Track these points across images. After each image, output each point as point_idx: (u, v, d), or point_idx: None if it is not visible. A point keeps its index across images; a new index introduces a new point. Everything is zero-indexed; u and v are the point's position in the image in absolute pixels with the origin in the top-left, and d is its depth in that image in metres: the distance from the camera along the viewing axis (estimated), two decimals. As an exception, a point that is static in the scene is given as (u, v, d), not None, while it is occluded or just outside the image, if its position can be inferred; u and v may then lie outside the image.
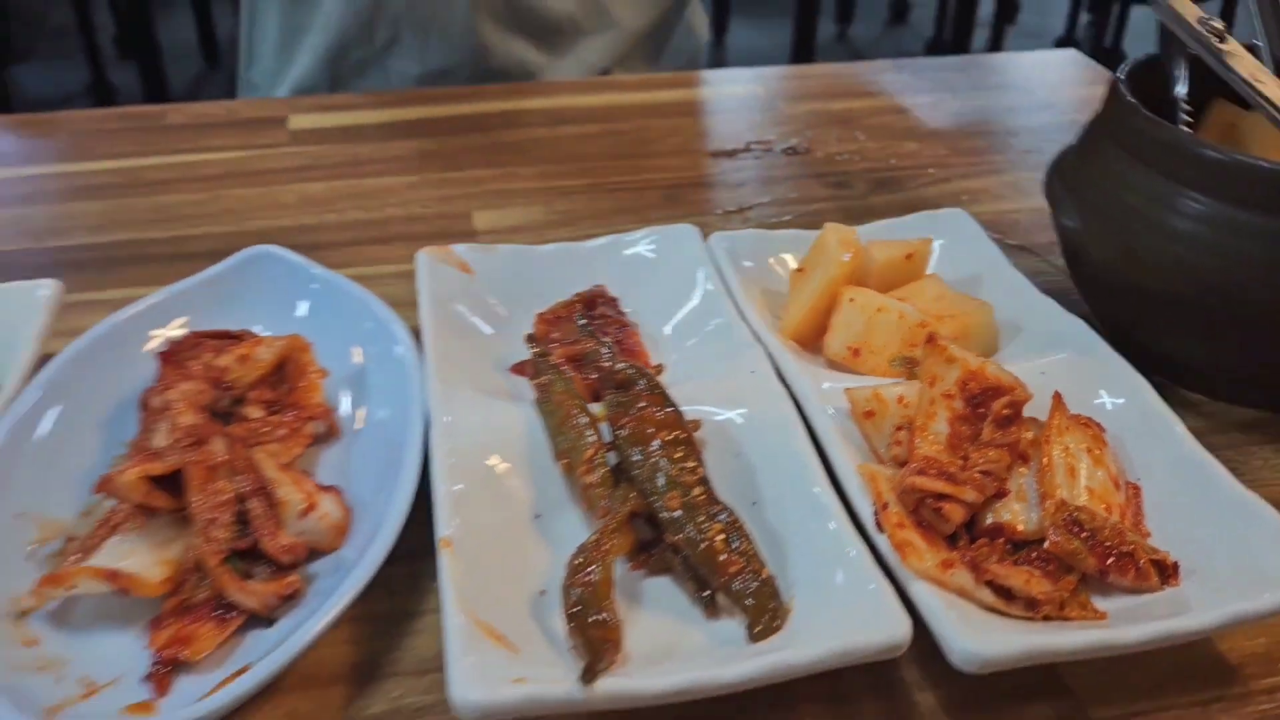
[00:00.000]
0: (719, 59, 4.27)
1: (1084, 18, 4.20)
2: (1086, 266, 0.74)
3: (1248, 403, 0.73)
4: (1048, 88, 1.24)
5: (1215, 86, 0.73)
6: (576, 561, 0.54)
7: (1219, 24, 0.70)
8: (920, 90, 1.21)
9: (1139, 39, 4.02)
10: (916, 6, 4.65)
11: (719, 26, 4.35)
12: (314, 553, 0.58)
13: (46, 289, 0.73)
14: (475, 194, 0.98)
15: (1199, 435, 0.62)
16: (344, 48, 1.21)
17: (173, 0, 4.06)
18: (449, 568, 0.53)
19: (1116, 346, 0.69)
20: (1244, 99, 0.68)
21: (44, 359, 0.68)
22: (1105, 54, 3.99)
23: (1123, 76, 0.73)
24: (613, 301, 0.76)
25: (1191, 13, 0.70)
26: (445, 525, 0.56)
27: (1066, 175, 0.76)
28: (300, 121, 1.11)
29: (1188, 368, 0.72)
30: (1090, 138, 0.75)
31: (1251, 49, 0.70)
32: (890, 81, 1.24)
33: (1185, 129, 0.73)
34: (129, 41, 3.92)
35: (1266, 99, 0.66)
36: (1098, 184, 0.71)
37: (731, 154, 1.06)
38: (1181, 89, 0.75)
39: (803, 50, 3.70)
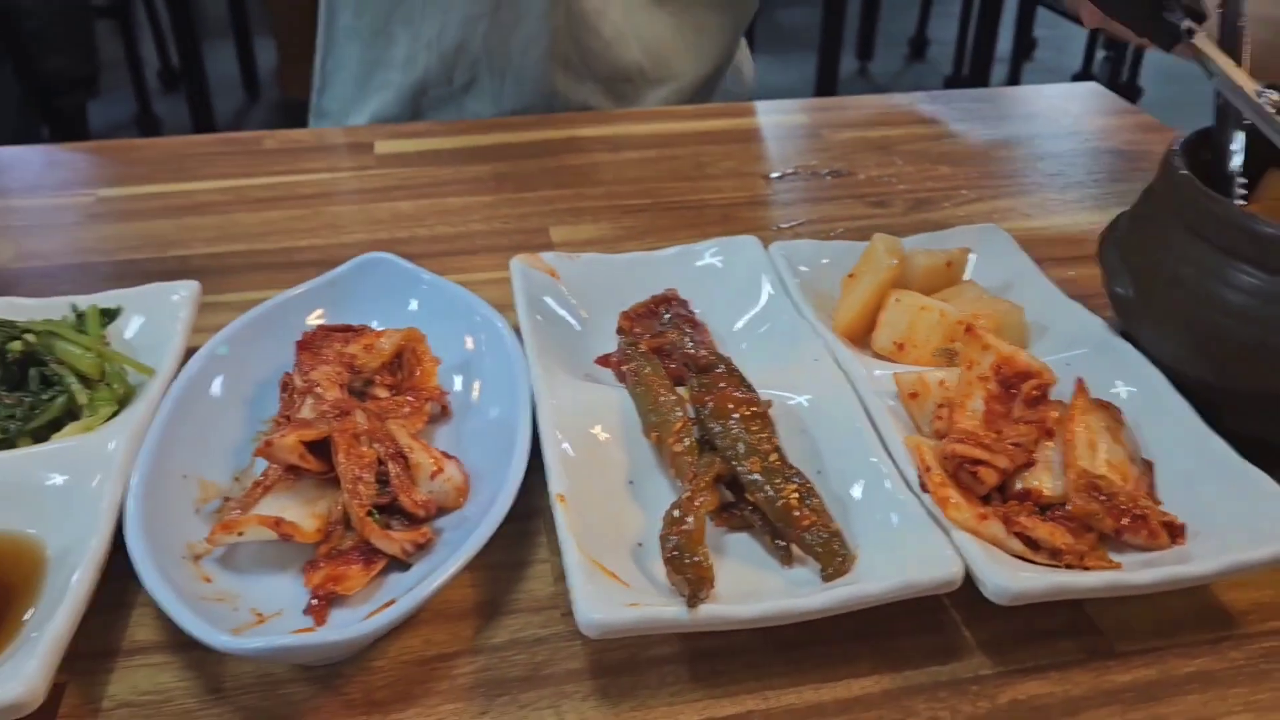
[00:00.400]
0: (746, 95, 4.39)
1: (1100, 54, 4.30)
2: (1140, 333, 0.76)
3: None
4: (1071, 117, 1.34)
5: (1271, 156, 0.76)
6: (673, 514, 0.63)
7: (1277, 95, 0.73)
8: (951, 119, 1.31)
9: (1155, 75, 4.12)
10: (935, 43, 4.77)
11: (744, 62, 4.46)
12: (440, 511, 0.68)
13: (187, 289, 0.84)
14: (549, 211, 1.08)
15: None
16: (424, 86, 1.31)
17: (214, 33, 4.23)
18: (565, 516, 0.62)
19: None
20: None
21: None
22: (1121, 89, 4.09)
23: (1177, 148, 0.76)
24: (684, 303, 0.85)
25: (1249, 84, 0.74)
26: (558, 483, 0.65)
27: (1121, 242, 0.80)
28: (385, 147, 1.21)
29: (1257, 443, 0.69)
30: (1145, 207, 0.78)
31: None
32: (924, 111, 1.34)
33: (1239, 204, 0.75)
34: (176, 74, 4.09)
35: None
36: (1151, 254, 0.74)
37: (781, 177, 1.16)
38: (1237, 161, 0.78)
39: (825, 85, 3.82)
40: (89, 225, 1.06)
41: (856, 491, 0.67)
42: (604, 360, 0.81)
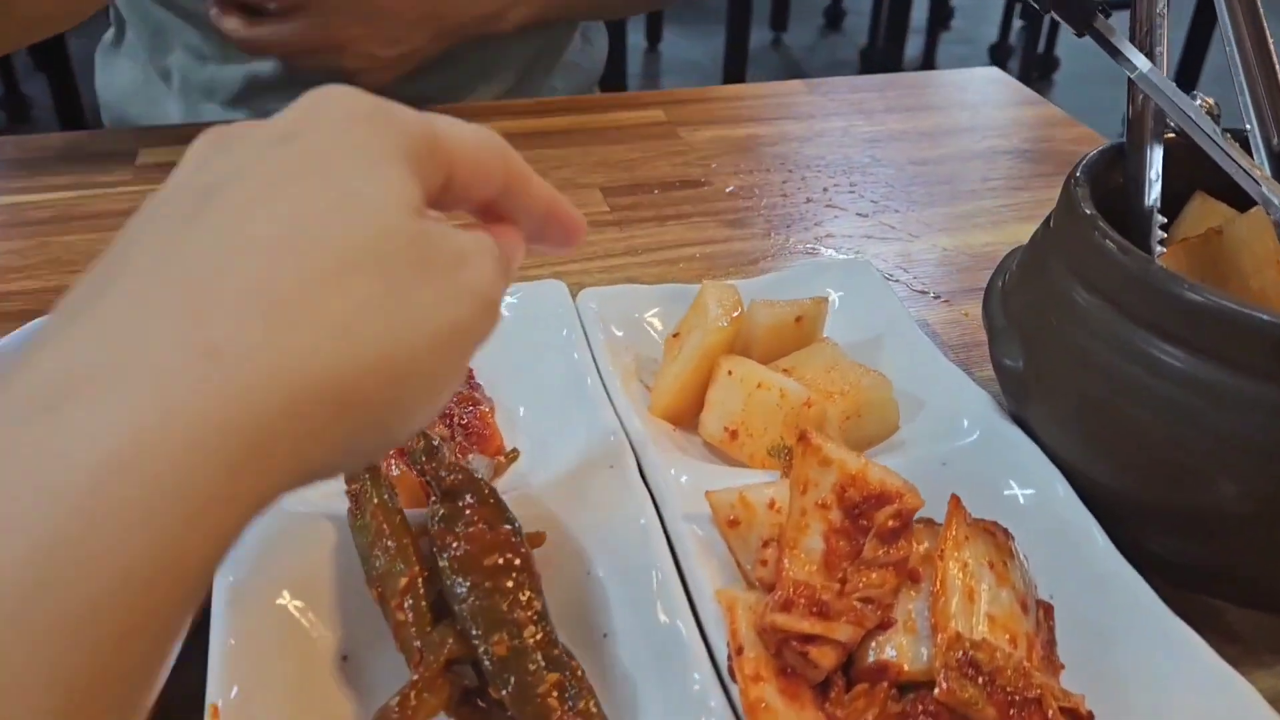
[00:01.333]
0: (653, 68, 4.19)
1: (1017, 24, 4.17)
2: (1033, 415, 0.59)
3: (1263, 606, 0.56)
4: (968, 110, 1.16)
5: (1196, 176, 0.61)
6: (375, 729, 0.44)
7: (1211, 101, 0.58)
8: (833, 114, 1.13)
9: (1072, 48, 4.00)
10: (851, 14, 4.60)
11: (653, 35, 4.27)
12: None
13: None
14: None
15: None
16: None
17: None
18: (215, 748, 0.43)
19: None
20: (1240, 195, 0.56)
21: None
22: (1038, 61, 3.97)
23: (1080, 174, 0.58)
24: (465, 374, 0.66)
25: (1172, 88, 0.57)
26: (217, 687, 0.45)
27: (1008, 296, 0.62)
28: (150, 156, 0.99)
29: (1175, 565, 0.55)
30: (1039, 252, 0.60)
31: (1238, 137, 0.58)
32: (802, 104, 1.15)
33: (1159, 252, 0.59)
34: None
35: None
36: (1046, 316, 0.57)
37: (623, 189, 0.96)
38: (1155, 192, 0.60)
39: (736, 57, 3.62)
40: None
41: (649, 673, 0.48)
42: (349, 459, 0.61)
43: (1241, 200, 0.63)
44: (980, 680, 0.47)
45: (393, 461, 0.58)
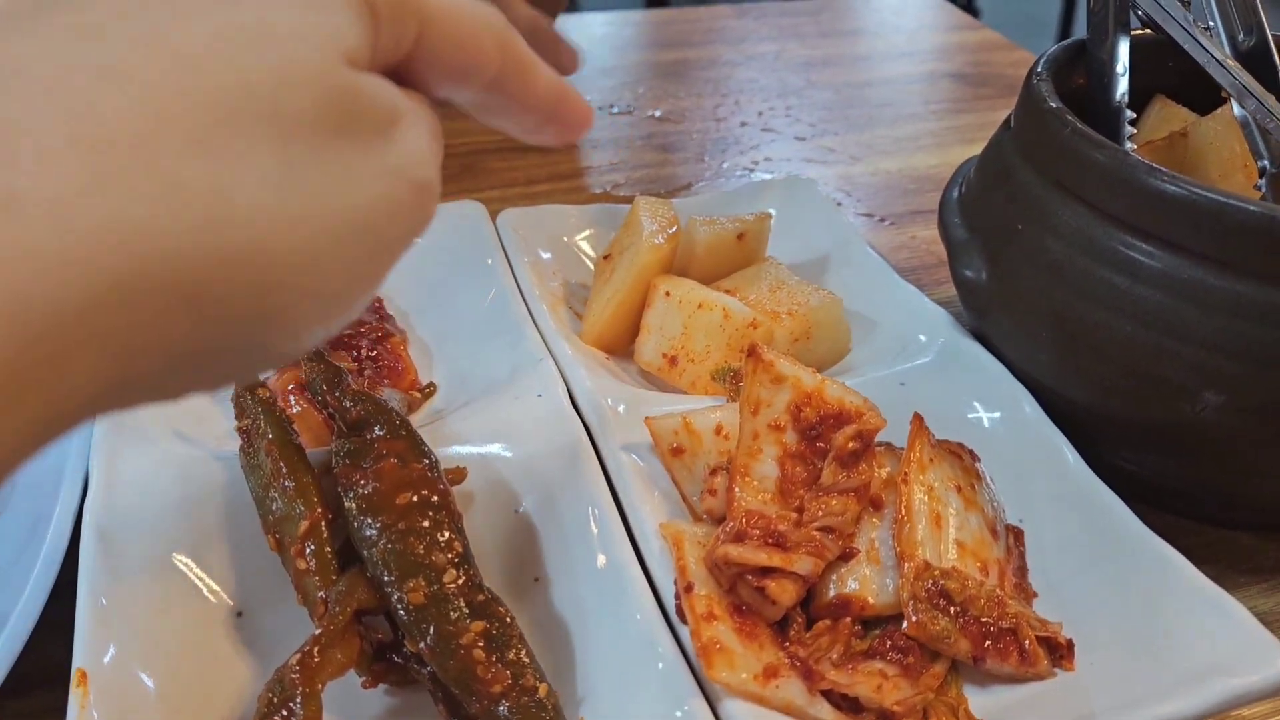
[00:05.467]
0: None
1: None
2: (996, 331, 0.55)
3: (1240, 525, 0.52)
4: (905, 34, 1.12)
5: (1151, 80, 0.57)
6: (270, 698, 0.38)
7: None
8: (764, 38, 1.07)
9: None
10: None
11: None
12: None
13: None
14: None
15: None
16: None
17: None
18: (79, 712, 0.37)
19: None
20: (1211, 93, 0.53)
21: None
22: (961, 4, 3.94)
23: (1041, 69, 0.54)
24: (373, 304, 0.59)
25: None
26: (83, 651, 0.39)
27: (967, 205, 0.57)
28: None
29: (1149, 483, 0.52)
30: (999, 155, 0.56)
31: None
32: (731, 29, 1.09)
33: (1129, 148, 0.54)
34: None
35: (1252, 93, 0.50)
36: (1009, 223, 0.53)
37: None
38: (1122, 86, 0.55)
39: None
40: None
41: (588, 621, 0.43)
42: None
43: (1203, 104, 0.59)
44: (952, 611, 0.42)
45: (291, 397, 0.52)
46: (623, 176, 0.81)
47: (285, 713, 0.37)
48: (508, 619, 0.41)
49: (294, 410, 0.52)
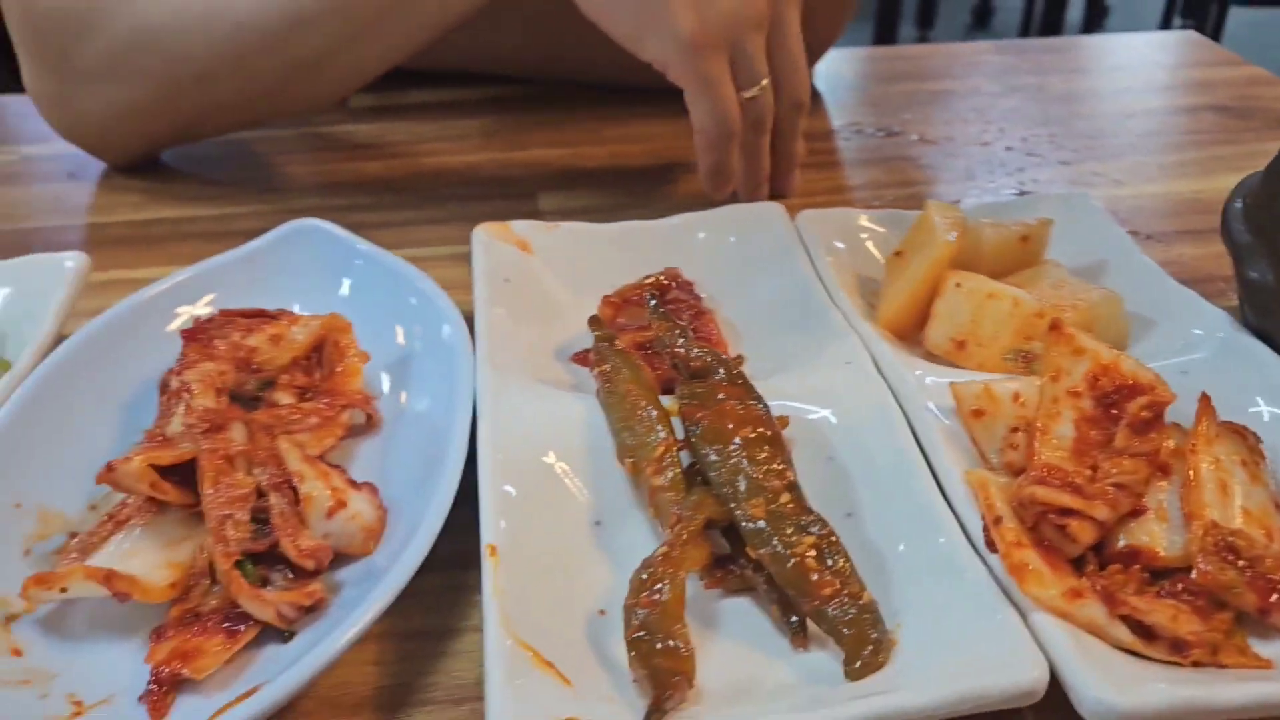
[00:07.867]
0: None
1: (1177, 21, 4.02)
2: None
3: None
4: (1164, 69, 1.14)
5: None
6: (642, 577, 0.46)
7: None
8: (1026, 71, 1.11)
9: (1236, 43, 3.84)
10: (1000, 10, 4.51)
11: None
12: (343, 558, 0.51)
13: (73, 261, 0.68)
14: (540, 176, 0.91)
15: None
16: None
17: None
18: (493, 580, 0.46)
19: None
20: None
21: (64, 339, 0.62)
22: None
23: None
24: (687, 285, 0.68)
25: None
26: (491, 530, 0.48)
27: (1253, 213, 0.61)
28: (360, 100, 1.04)
29: None
30: None
31: None
32: (992, 63, 1.14)
33: None
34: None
35: None
36: None
37: (820, 136, 0.97)
38: None
39: (883, 53, 3.59)
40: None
41: (900, 546, 0.49)
42: (582, 357, 0.63)
43: None
44: (1239, 565, 0.46)
45: (633, 354, 0.60)
46: (893, 193, 0.88)
47: (656, 591, 0.45)
48: (833, 537, 0.48)
49: (633, 365, 0.60)
